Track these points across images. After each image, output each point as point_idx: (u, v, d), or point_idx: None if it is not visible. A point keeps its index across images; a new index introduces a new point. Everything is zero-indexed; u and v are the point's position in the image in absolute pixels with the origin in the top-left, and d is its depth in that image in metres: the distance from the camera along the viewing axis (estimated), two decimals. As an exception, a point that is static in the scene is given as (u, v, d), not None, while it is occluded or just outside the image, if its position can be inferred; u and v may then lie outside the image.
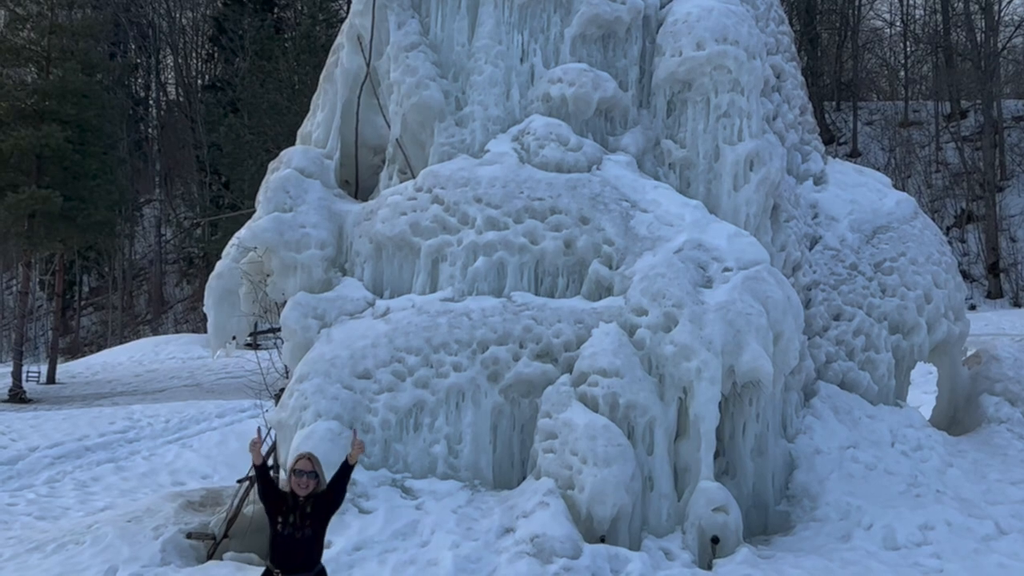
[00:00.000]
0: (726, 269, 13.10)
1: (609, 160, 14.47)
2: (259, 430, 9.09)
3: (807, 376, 14.90)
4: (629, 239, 13.50)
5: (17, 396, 37.41)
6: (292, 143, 16.31)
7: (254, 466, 8.95)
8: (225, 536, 13.43)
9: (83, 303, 75.78)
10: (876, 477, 13.91)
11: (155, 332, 65.88)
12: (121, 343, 60.40)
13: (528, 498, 12.06)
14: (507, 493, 12.50)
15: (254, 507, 13.75)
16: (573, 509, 11.96)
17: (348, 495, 12.12)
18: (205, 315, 15.33)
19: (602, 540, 11.85)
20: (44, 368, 44.51)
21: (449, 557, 11.37)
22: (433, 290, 13.82)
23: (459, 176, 14.10)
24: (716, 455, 12.69)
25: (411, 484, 12.56)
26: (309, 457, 8.98)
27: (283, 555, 8.73)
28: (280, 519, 8.74)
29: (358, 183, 15.85)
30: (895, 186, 18.19)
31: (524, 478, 12.73)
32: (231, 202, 54.11)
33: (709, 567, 11.79)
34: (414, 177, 14.61)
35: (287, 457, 12.87)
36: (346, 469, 8.97)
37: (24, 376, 39.45)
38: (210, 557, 13.20)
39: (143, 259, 77.92)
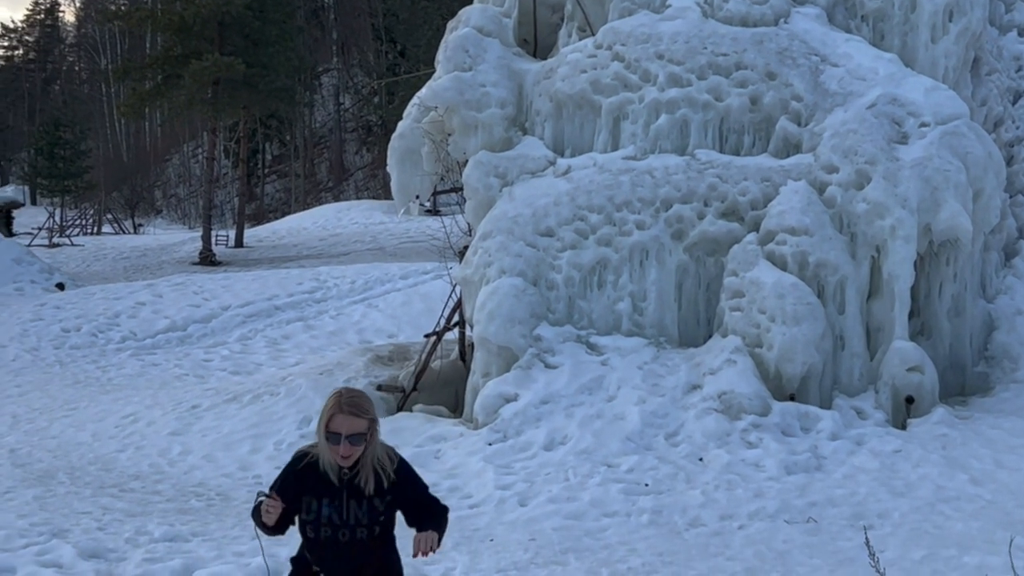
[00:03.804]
0: (923, 124, 12.61)
1: (797, 13, 13.95)
2: (274, 496, 4.94)
3: (1008, 235, 14.36)
4: (819, 94, 13.05)
5: (208, 259, 38.90)
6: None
7: (264, 526, 4.96)
8: (414, 389, 13.78)
9: (266, 171, 77.94)
10: (1082, 339, 13.37)
11: (336, 199, 67.34)
12: (304, 209, 61.94)
13: (715, 355, 11.99)
14: (693, 351, 12.45)
15: (441, 362, 14.06)
16: (761, 367, 11.85)
17: (534, 350, 12.27)
18: (385, 182, 15.53)
19: (791, 398, 11.73)
20: (232, 233, 46.02)
21: (635, 412, 11.42)
22: (615, 148, 13.65)
23: (640, 32, 13.78)
24: (911, 315, 12.36)
25: (596, 340, 12.60)
26: (358, 400, 4.90)
27: (326, 561, 5.06)
28: (313, 504, 4.97)
29: (536, 41, 15.65)
30: (1106, 37, 17.07)
31: (710, 336, 12.65)
32: (407, 70, 54.44)
33: (903, 427, 11.57)
34: (593, 34, 14.35)
35: (471, 314, 13.04)
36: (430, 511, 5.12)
37: (214, 240, 40.90)
38: (400, 409, 13.58)
39: (323, 127, 79.46)
